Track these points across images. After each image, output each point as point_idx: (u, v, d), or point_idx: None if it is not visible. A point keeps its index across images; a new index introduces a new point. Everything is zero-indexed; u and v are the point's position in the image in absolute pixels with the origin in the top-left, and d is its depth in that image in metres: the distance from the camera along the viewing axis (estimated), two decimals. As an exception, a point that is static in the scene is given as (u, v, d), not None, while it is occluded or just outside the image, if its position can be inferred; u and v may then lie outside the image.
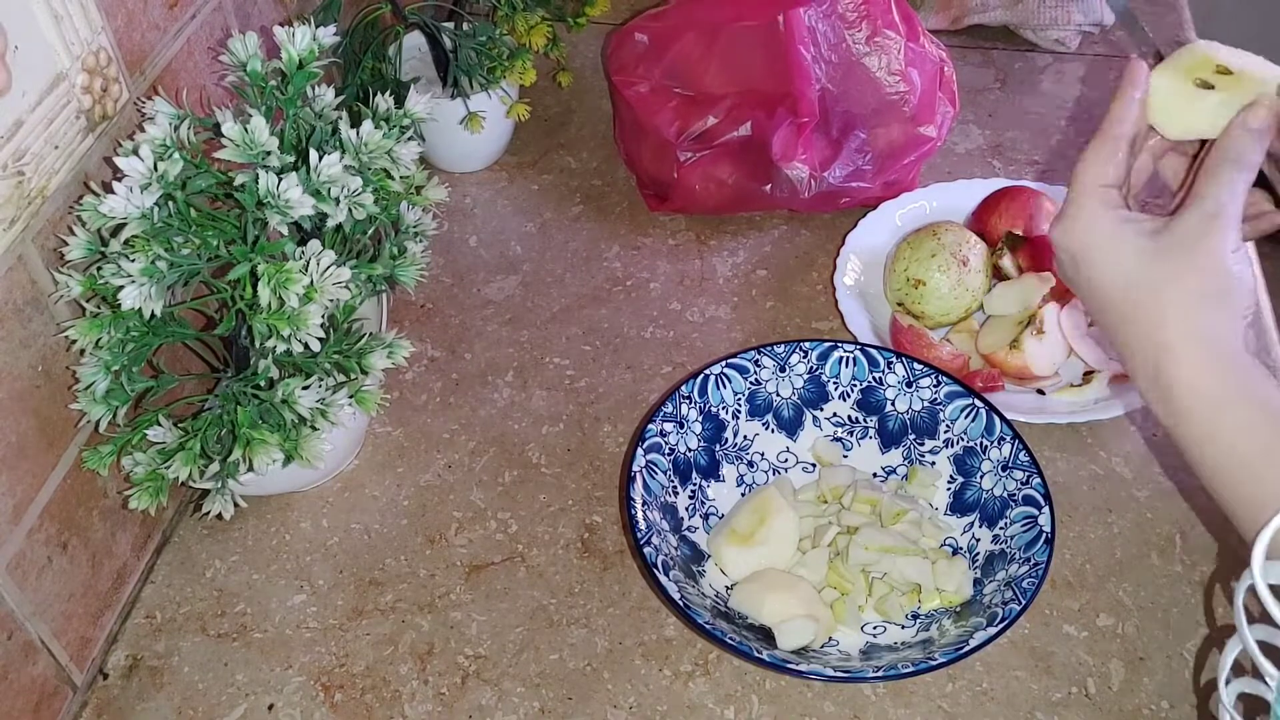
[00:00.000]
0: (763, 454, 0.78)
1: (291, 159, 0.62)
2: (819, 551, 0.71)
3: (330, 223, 0.64)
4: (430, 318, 0.91)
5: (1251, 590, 0.46)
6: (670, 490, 0.73)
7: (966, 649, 0.61)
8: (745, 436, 0.78)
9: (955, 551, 0.72)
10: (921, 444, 0.76)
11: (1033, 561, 0.65)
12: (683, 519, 0.73)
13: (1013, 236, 0.87)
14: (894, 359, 0.76)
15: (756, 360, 0.77)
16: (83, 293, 0.61)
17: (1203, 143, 0.56)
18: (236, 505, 0.67)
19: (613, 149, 1.06)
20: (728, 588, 0.71)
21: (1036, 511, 0.68)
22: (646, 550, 0.66)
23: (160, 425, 0.65)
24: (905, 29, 0.92)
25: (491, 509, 0.78)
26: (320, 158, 0.62)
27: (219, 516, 0.67)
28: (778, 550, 0.71)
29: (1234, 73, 0.54)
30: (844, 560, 0.70)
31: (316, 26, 0.65)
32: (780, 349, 0.77)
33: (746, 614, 0.68)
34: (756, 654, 0.62)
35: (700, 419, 0.76)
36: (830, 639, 0.68)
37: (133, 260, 0.59)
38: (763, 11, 0.89)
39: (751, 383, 0.77)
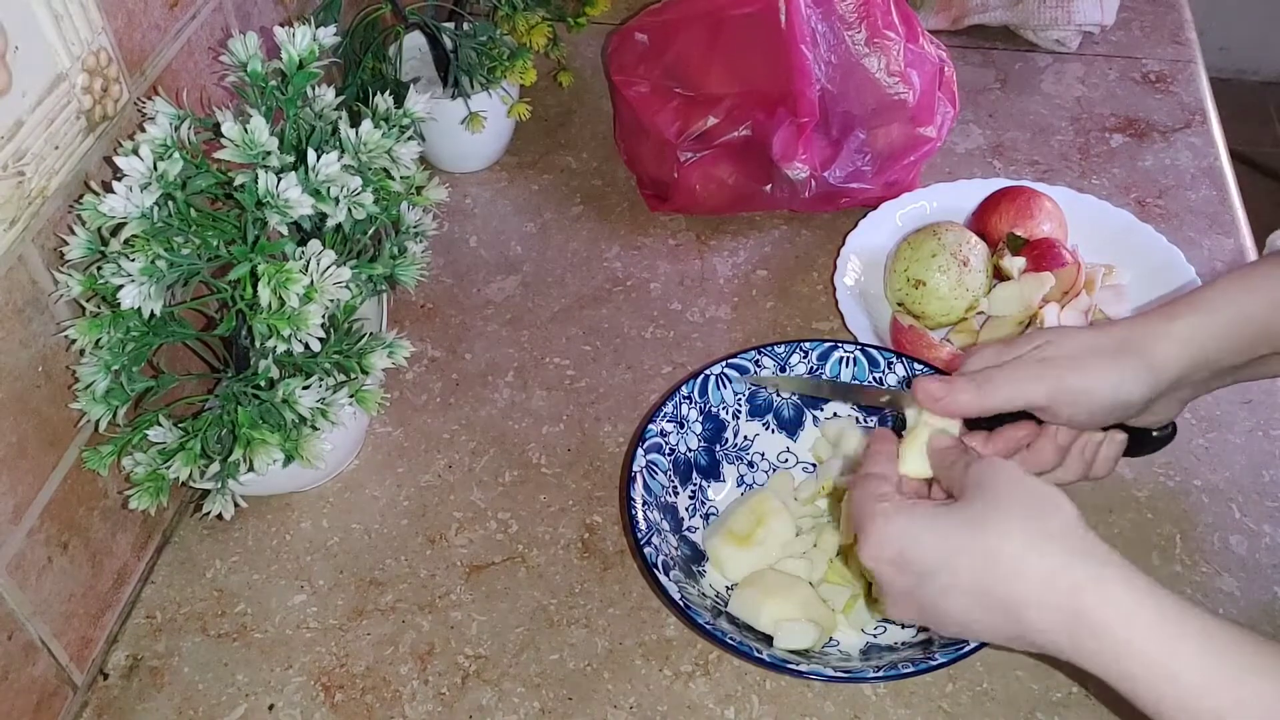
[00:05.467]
0: (763, 454, 0.78)
1: (291, 159, 0.62)
2: (819, 552, 0.71)
3: (330, 223, 0.64)
4: (430, 318, 0.91)
5: None
6: (670, 490, 0.73)
7: (967, 649, 0.61)
8: (745, 437, 0.77)
9: (955, 551, 0.72)
10: (922, 444, 0.76)
11: (1033, 561, 0.65)
12: (683, 519, 0.73)
13: (1015, 238, 0.87)
14: (894, 359, 0.76)
15: (757, 360, 0.77)
16: (83, 292, 0.61)
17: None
18: (237, 505, 0.67)
19: (613, 149, 1.06)
20: (728, 588, 0.71)
21: (1037, 511, 0.68)
22: (646, 550, 0.66)
23: (160, 425, 0.65)
24: (905, 30, 0.92)
25: (492, 509, 0.78)
26: (319, 157, 0.62)
27: (219, 517, 0.67)
28: (774, 552, 0.71)
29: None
30: (844, 563, 0.70)
31: (317, 27, 0.65)
32: (780, 349, 0.77)
33: (745, 620, 0.67)
34: (756, 654, 0.62)
35: (700, 419, 0.76)
36: (830, 639, 0.68)
37: (133, 260, 0.59)
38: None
39: (752, 383, 0.77)
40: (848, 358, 0.77)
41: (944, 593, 0.52)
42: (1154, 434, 0.67)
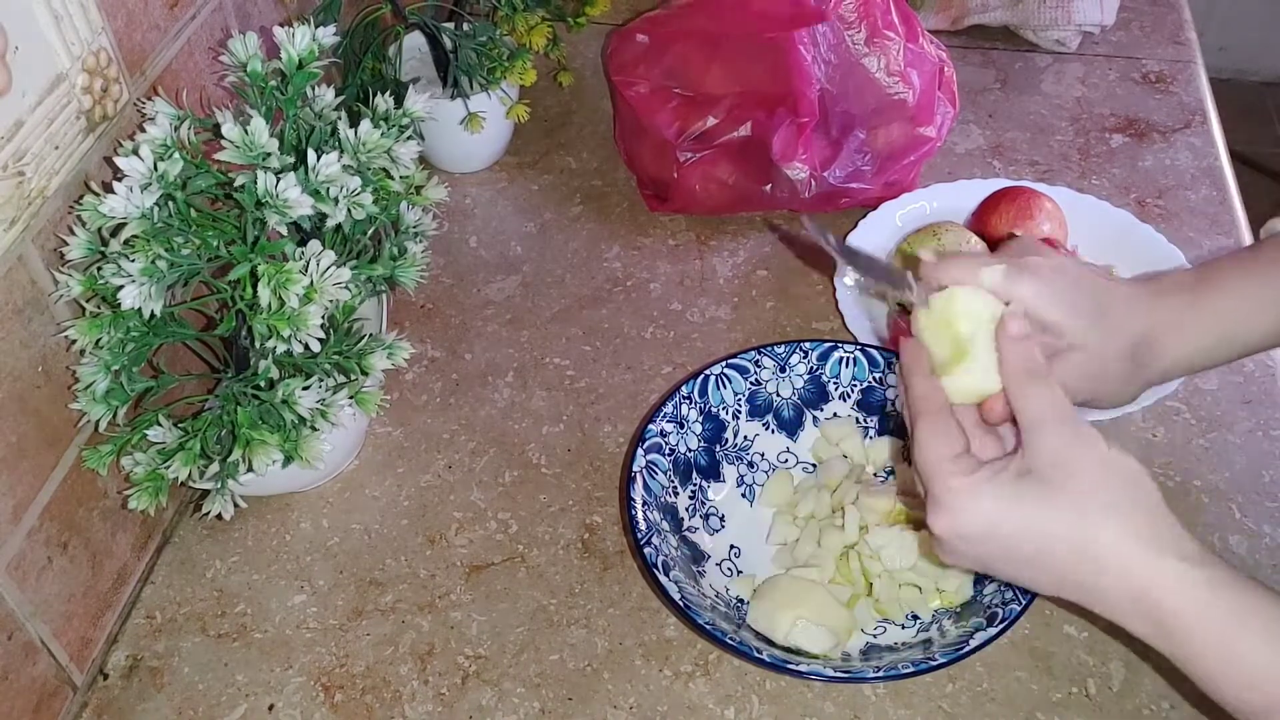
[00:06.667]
0: (763, 454, 0.78)
1: (291, 159, 0.62)
2: (824, 552, 0.71)
3: (330, 223, 0.64)
4: (430, 318, 0.91)
5: None
6: (670, 490, 0.73)
7: (967, 649, 0.61)
8: (745, 437, 0.77)
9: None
10: (921, 444, 0.76)
11: (1033, 562, 0.65)
12: (683, 519, 0.73)
13: (1016, 238, 0.87)
14: (894, 359, 0.76)
15: (757, 360, 0.77)
16: (83, 292, 0.61)
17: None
18: (236, 505, 0.67)
19: (613, 149, 1.06)
20: (741, 601, 0.70)
21: (1037, 512, 0.68)
22: (646, 550, 0.66)
23: (160, 425, 0.65)
24: (905, 30, 0.92)
25: (491, 509, 0.78)
26: (319, 157, 0.62)
27: (219, 517, 0.67)
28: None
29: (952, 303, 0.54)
30: (846, 562, 0.70)
31: (316, 27, 0.65)
32: (780, 349, 0.77)
33: (762, 631, 0.67)
34: (756, 654, 0.62)
35: (700, 419, 0.76)
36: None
37: (133, 260, 0.59)
38: (766, 27, 0.88)
39: (752, 383, 0.77)
40: (848, 358, 0.77)
41: (1021, 570, 0.52)
42: None
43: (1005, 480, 0.51)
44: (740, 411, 0.77)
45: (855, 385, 0.77)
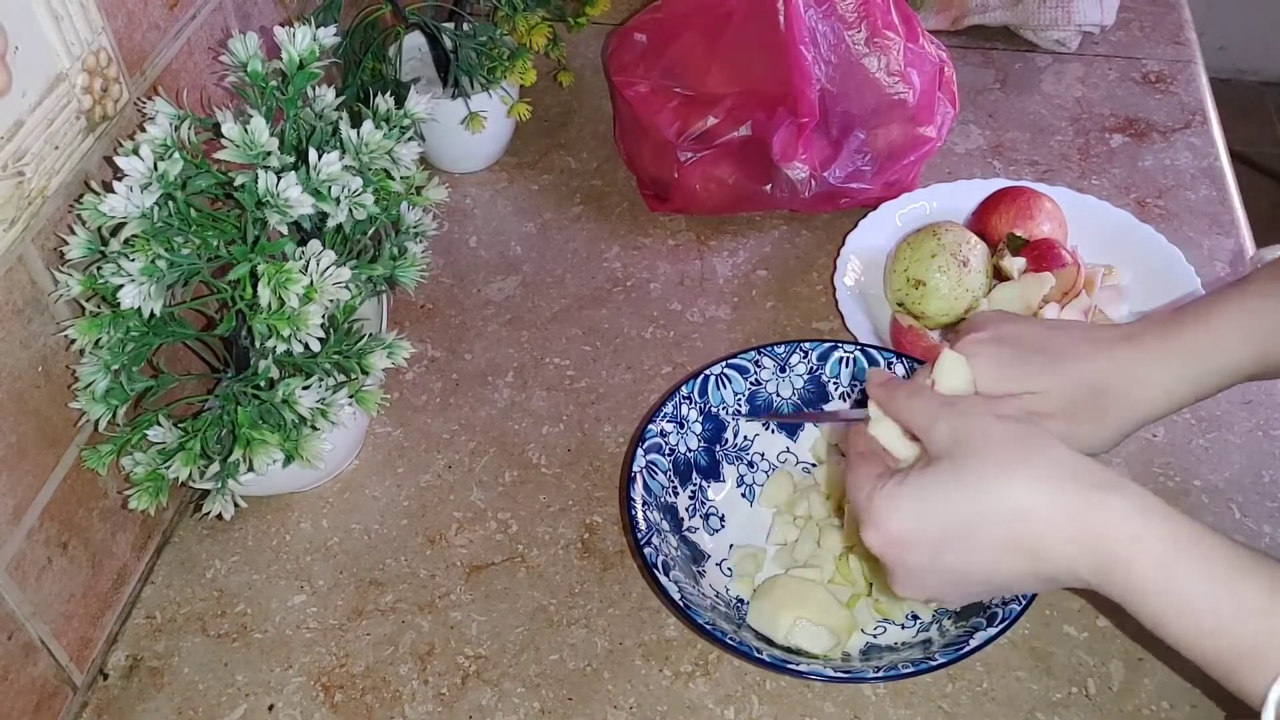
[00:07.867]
0: (763, 454, 0.78)
1: (291, 159, 0.62)
2: (825, 552, 0.71)
3: (330, 223, 0.65)
4: (430, 318, 0.91)
5: None
6: (670, 490, 0.73)
7: (967, 649, 0.61)
8: (745, 437, 0.78)
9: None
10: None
11: (1033, 562, 0.65)
12: (683, 519, 0.73)
13: (1015, 238, 0.87)
14: (894, 359, 0.76)
15: (757, 360, 0.77)
16: (82, 292, 0.61)
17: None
18: (237, 505, 0.67)
19: (613, 149, 1.06)
20: (741, 601, 0.70)
21: (1037, 512, 0.68)
22: (646, 550, 0.66)
23: (160, 425, 0.65)
24: (905, 30, 0.92)
25: (491, 509, 0.78)
26: (320, 157, 0.62)
27: (219, 517, 0.67)
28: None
29: None
30: (846, 562, 0.70)
31: (317, 27, 0.65)
32: (780, 349, 0.77)
33: (762, 631, 0.67)
34: (756, 654, 0.62)
35: (700, 419, 0.76)
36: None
37: (133, 260, 0.59)
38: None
39: (752, 383, 0.77)
40: (847, 358, 0.77)
41: (964, 556, 0.52)
42: None
43: (914, 475, 0.53)
44: (740, 411, 0.77)
45: (855, 385, 0.77)
